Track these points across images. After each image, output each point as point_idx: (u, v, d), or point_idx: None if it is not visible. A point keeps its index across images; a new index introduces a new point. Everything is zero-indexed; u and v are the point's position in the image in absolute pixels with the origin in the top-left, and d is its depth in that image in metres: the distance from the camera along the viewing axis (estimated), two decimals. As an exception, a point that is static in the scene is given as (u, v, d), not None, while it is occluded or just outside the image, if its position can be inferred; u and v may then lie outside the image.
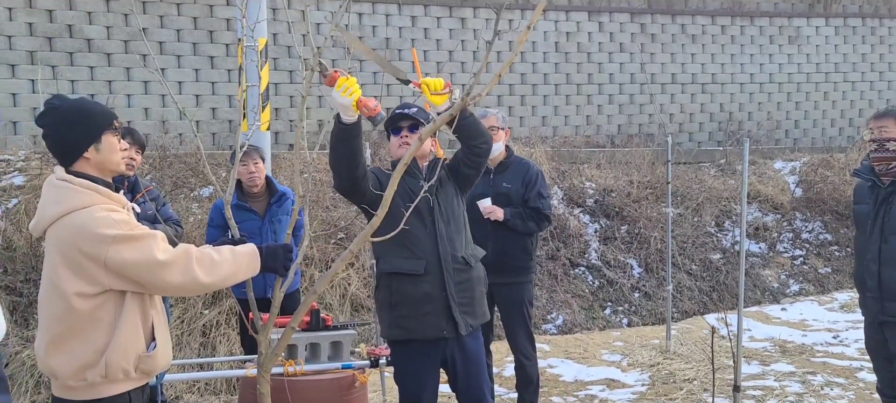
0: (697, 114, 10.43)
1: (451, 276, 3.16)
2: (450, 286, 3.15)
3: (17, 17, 7.26)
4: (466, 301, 3.21)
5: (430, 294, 3.13)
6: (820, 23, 10.90)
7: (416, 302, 3.14)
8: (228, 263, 2.39)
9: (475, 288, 3.25)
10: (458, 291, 3.18)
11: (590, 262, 7.52)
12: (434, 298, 3.14)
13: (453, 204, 3.25)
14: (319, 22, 8.37)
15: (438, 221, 3.18)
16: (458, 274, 3.19)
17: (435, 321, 3.15)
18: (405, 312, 3.16)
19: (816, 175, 9.10)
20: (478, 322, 3.27)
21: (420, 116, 3.25)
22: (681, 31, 10.30)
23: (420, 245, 3.14)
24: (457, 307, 3.16)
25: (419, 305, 3.14)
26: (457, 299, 3.17)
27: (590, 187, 8.31)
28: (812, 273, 8.19)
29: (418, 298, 3.13)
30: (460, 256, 3.20)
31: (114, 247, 2.17)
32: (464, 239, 3.26)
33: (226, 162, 6.92)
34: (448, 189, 3.26)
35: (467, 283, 3.21)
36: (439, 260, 3.14)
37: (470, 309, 3.22)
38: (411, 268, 3.13)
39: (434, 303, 3.14)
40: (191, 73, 7.94)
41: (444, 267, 3.15)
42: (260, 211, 4.33)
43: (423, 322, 3.14)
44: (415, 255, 3.14)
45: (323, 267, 6.25)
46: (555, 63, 9.71)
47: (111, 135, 2.32)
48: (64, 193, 2.23)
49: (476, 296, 3.25)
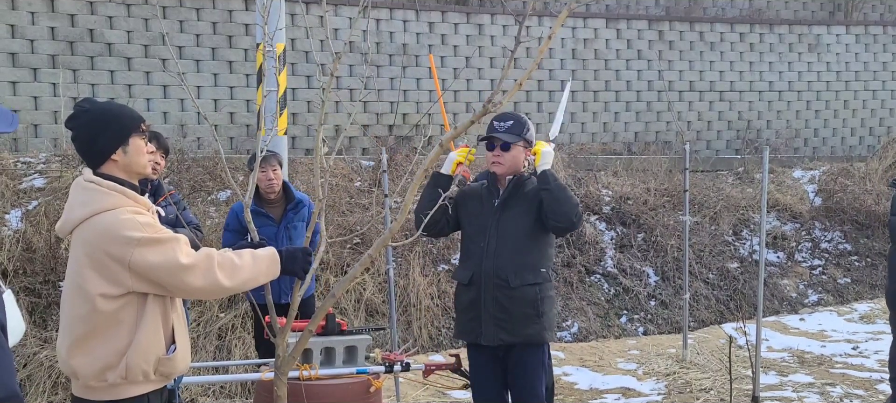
0: (715, 122, 10.36)
1: (487, 290, 3.35)
2: (485, 298, 3.35)
3: (39, 21, 7.36)
4: (503, 316, 3.35)
5: (471, 301, 3.42)
6: (840, 30, 10.79)
7: (463, 308, 3.50)
8: (249, 267, 2.41)
9: (515, 308, 3.34)
10: (495, 305, 3.34)
11: (606, 270, 7.48)
12: (475, 306, 3.40)
13: (517, 224, 3.37)
14: (337, 27, 8.41)
15: (491, 237, 3.37)
16: (498, 290, 3.34)
17: (473, 327, 3.42)
18: (458, 316, 3.57)
19: (836, 184, 9.00)
20: (516, 339, 3.36)
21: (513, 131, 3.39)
22: (699, 39, 10.25)
23: (473, 256, 3.42)
24: (490, 318, 3.35)
25: (464, 311, 3.47)
26: (491, 311, 3.35)
27: (606, 194, 8.27)
28: (831, 283, 8.09)
29: (465, 305, 3.47)
30: (504, 275, 3.34)
31: (138, 250, 2.19)
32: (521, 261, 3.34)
33: (243, 166, 6.96)
34: (520, 209, 3.37)
35: (506, 302, 3.34)
36: (481, 272, 3.37)
37: (505, 325, 3.34)
38: (461, 277, 3.47)
39: (474, 311, 3.41)
40: (209, 78, 8.01)
41: (484, 280, 3.36)
42: (276, 217, 4.35)
43: (466, 325, 3.47)
44: (466, 266, 3.46)
45: (338, 272, 6.26)
46: (572, 70, 9.69)
47: (139, 139, 2.35)
48: (91, 195, 2.26)
49: (515, 314, 3.34)
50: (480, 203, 3.47)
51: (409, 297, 6.36)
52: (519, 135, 3.38)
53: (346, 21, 8.50)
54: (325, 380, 3.38)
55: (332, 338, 3.53)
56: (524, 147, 3.43)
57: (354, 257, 6.39)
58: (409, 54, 8.89)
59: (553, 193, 3.26)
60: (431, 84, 8.81)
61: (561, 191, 3.28)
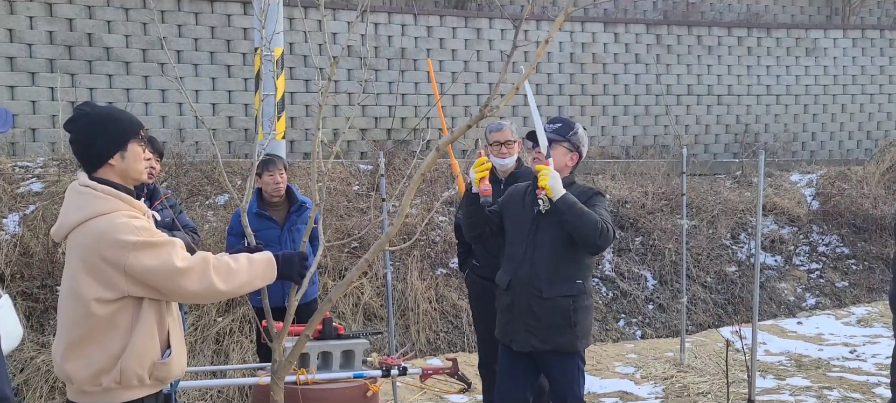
0: (713, 126, 10.38)
1: (522, 297, 3.38)
2: (519, 304, 3.39)
3: (37, 25, 7.37)
4: (535, 324, 3.37)
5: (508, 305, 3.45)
6: (837, 34, 10.82)
7: (502, 310, 3.52)
8: (245, 271, 2.41)
9: (546, 317, 3.35)
10: (527, 312, 3.37)
11: (603, 274, 7.49)
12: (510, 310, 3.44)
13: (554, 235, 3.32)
14: (336, 31, 8.42)
15: (529, 245, 3.38)
16: (531, 298, 3.36)
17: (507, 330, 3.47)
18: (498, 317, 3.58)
19: (833, 188, 9.02)
20: (547, 346, 3.37)
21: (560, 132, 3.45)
22: (697, 43, 10.27)
23: (513, 261, 3.44)
24: (521, 325, 3.37)
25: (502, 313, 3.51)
26: (523, 318, 3.38)
27: (604, 198, 8.27)
28: (829, 286, 8.10)
29: (502, 308, 3.52)
30: (538, 285, 3.34)
31: (134, 254, 2.19)
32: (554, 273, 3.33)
33: (242, 170, 6.97)
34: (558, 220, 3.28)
35: (539, 309, 3.36)
36: (518, 278, 3.41)
37: (537, 332, 3.36)
38: (502, 281, 3.49)
39: (510, 315, 3.45)
40: (208, 82, 8.02)
41: (519, 286, 3.39)
42: (279, 220, 4.35)
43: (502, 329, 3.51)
44: (506, 270, 3.49)
45: (336, 275, 6.26)
46: (570, 74, 9.71)
47: (137, 145, 2.35)
48: (86, 199, 2.26)
49: (547, 323, 3.35)
50: (522, 206, 3.47)
51: (407, 301, 6.36)
52: (563, 136, 3.42)
53: (345, 25, 8.51)
54: (321, 385, 3.39)
55: (329, 342, 3.53)
56: (570, 150, 3.45)
57: (352, 261, 6.39)
58: (408, 58, 8.90)
59: (571, 222, 3.21)
60: (429, 88, 8.82)
61: (577, 217, 3.20)
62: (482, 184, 3.38)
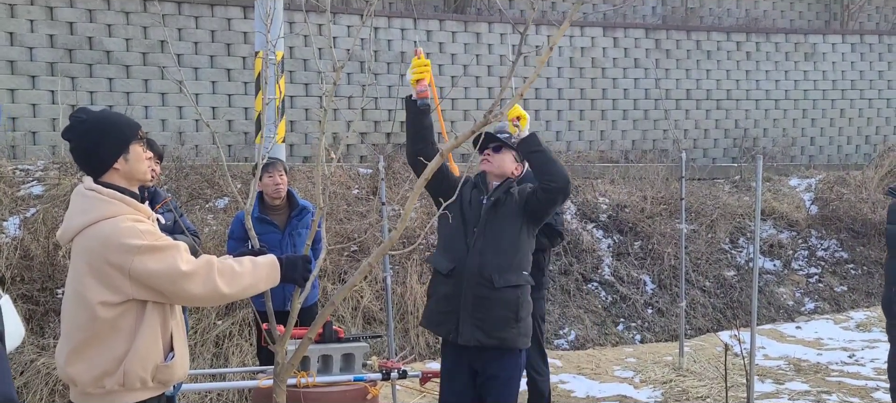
0: (712, 131, 10.40)
1: (470, 287, 3.28)
2: (466, 295, 3.28)
3: (38, 28, 7.38)
4: (481, 317, 3.26)
5: (448, 295, 3.35)
6: (836, 40, 10.85)
7: (438, 298, 3.42)
8: (249, 274, 2.42)
9: (495, 309, 3.26)
10: (474, 304, 3.27)
11: (603, 278, 7.50)
12: (451, 300, 3.33)
13: (504, 226, 3.32)
14: (336, 35, 8.44)
15: (480, 235, 3.33)
16: (480, 289, 3.27)
17: (445, 321, 3.36)
18: (431, 305, 3.48)
19: (832, 192, 9.04)
20: (491, 341, 3.28)
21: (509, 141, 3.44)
22: (696, 48, 10.30)
23: (455, 249, 3.35)
24: (467, 316, 3.28)
25: (440, 302, 3.39)
26: (470, 310, 3.27)
27: (603, 202, 8.30)
28: (827, 291, 8.12)
29: (440, 296, 3.40)
30: (487, 274, 3.27)
31: (138, 257, 2.20)
32: (506, 262, 3.29)
33: (242, 174, 6.97)
34: (507, 211, 3.32)
35: (487, 302, 3.26)
36: (465, 268, 3.30)
37: (483, 326, 3.26)
38: (442, 267, 3.38)
39: (450, 304, 3.33)
40: (208, 86, 8.03)
41: (467, 277, 3.29)
42: (280, 224, 4.36)
43: (437, 318, 3.41)
44: (447, 258, 3.37)
45: (336, 279, 6.27)
46: (569, 78, 9.73)
47: (138, 146, 2.36)
48: (92, 203, 2.27)
49: (495, 317, 3.27)
50: (468, 195, 3.42)
51: (407, 305, 6.37)
52: (512, 146, 3.41)
53: (345, 29, 8.53)
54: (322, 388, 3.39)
55: (329, 346, 3.54)
56: (517, 160, 3.47)
57: (352, 264, 6.40)
58: (407, 62, 8.91)
59: (546, 154, 3.26)
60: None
61: (550, 152, 3.31)
62: (419, 86, 3.29)
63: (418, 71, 3.30)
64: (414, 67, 3.31)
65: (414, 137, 3.39)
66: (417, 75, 3.29)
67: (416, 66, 3.31)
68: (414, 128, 3.38)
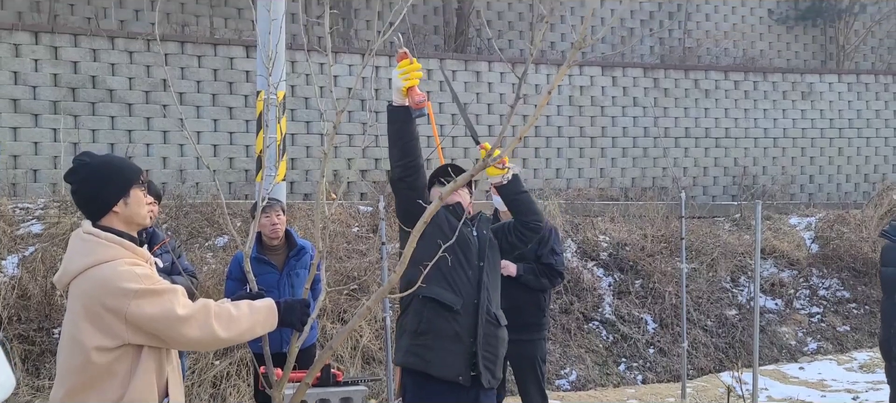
0: (711, 168, 10.43)
1: (483, 326, 3.13)
2: (480, 335, 3.11)
3: (42, 68, 7.45)
4: (491, 356, 3.18)
5: (459, 334, 3.07)
6: (833, 79, 10.95)
7: (444, 337, 3.06)
8: (246, 318, 2.40)
9: (499, 348, 3.22)
10: (485, 344, 3.15)
11: (604, 317, 7.45)
12: (463, 340, 3.08)
13: (496, 261, 3.31)
14: (337, 74, 8.52)
15: (485, 269, 3.17)
16: (489, 327, 3.17)
17: (456, 363, 3.07)
18: (429, 342, 3.06)
19: (832, 231, 9.03)
20: (495, 382, 3.25)
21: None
22: (694, 86, 10.38)
23: (461, 283, 3.09)
24: (481, 358, 3.12)
25: (447, 341, 3.06)
26: (483, 351, 3.13)
27: (604, 240, 8.28)
28: (830, 331, 8.05)
29: (448, 334, 3.07)
30: (494, 312, 3.21)
31: (135, 301, 2.19)
32: (498, 298, 3.28)
33: (242, 212, 6.97)
34: (496, 247, 3.31)
35: (494, 340, 3.19)
36: (477, 305, 3.12)
37: (492, 366, 3.19)
38: (450, 301, 3.06)
39: (462, 345, 3.07)
40: (209, 123, 8.08)
41: (480, 315, 3.12)
42: (278, 264, 4.33)
43: (444, 359, 3.06)
44: (453, 291, 3.07)
45: (335, 318, 6.23)
46: (568, 116, 9.79)
47: (139, 190, 2.36)
48: (90, 246, 2.26)
49: (499, 355, 3.22)
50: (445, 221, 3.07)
51: (406, 344, 6.31)
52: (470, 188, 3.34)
53: (346, 68, 8.61)
54: (320, 432, 3.34)
55: (327, 390, 3.50)
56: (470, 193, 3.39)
57: (352, 303, 6.36)
58: (408, 101, 8.97)
59: (530, 194, 3.27)
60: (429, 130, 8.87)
61: (528, 195, 3.31)
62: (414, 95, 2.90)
63: (412, 76, 2.92)
64: (405, 72, 2.92)
65: (402, 150, 3.03)
66: (410, 81, 2.92)
67: (407, 71, 2.92)
68: (401, 140, 3.02)
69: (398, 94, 2.98)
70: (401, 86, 2.94)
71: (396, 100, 3.00)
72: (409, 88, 2.91)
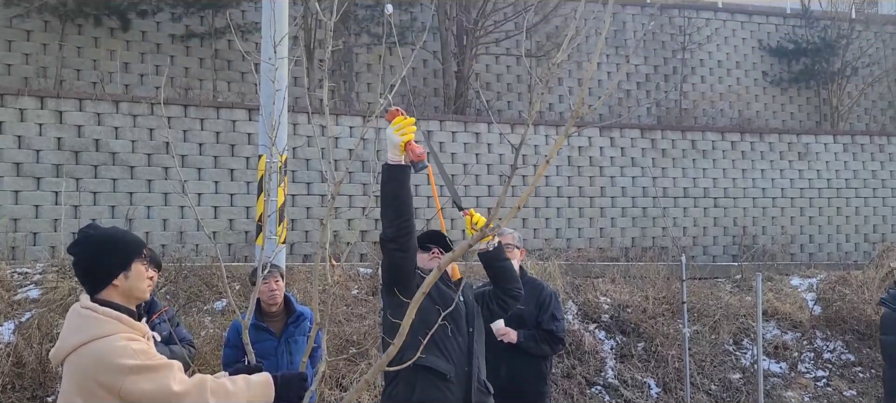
0: (711, 228, 10.44)
1: (475, 394, 3.11)
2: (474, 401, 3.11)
3: (46, 132, 7.53)
4: None
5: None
6: (828, 140, 11.05)
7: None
8: (243, 393, 2.37)
9: None
10: None
11: (606, 381, 7.33)
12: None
13: (483, 329, 3.30)
14: (338, 135, 8.60)
15: (474, 336, 3.17)
16: (480, 395, 3.14)
17: None
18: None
19: (834, 292, 8.96)
20: None
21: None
22: (691, 147, 10.47)
23: (453, 350, 3.06)
24: None
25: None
26: None
27: (605, 302, 8.22)
28: (837, 395, 7.92)
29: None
30: (483, 380, 3.19)
31: (130, 378, 2.16)
32: (484, 367, 3.26)
33: (241, 275, 6.94)
34: (479, 313, 3.31)
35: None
36: (469, 374, 3.10)
37: None
38: (444, 368, 3.00)
39: None
40: (210, 185, 8.12)
41: (472, 383, 3.10)
42: (277, 331, 4.29)
43: None
44: (446, 358, 3.02)
45: (334, 384, 6.14)
46: (567, 176, 9.85)
47: (140, 264, 2.36)
48: (86, 321, 2.25)
49: None
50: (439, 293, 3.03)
51: (406, 410, 6.20)
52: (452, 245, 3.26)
53: (347, 130, 8.70)
54: None
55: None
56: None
57: (350, 368, 6.27)
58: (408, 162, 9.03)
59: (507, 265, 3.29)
60: (429, 190, 8.92)
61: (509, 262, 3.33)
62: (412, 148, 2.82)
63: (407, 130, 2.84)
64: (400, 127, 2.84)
65: (397, 210, 2.91)
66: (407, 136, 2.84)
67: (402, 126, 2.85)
68: (397, 200, 2.91)
69: (395, 151, 2.90)
70: (398, 142, 2.86)
71: (392, 158, 2.93)
72: (407, 143, 2.86)
